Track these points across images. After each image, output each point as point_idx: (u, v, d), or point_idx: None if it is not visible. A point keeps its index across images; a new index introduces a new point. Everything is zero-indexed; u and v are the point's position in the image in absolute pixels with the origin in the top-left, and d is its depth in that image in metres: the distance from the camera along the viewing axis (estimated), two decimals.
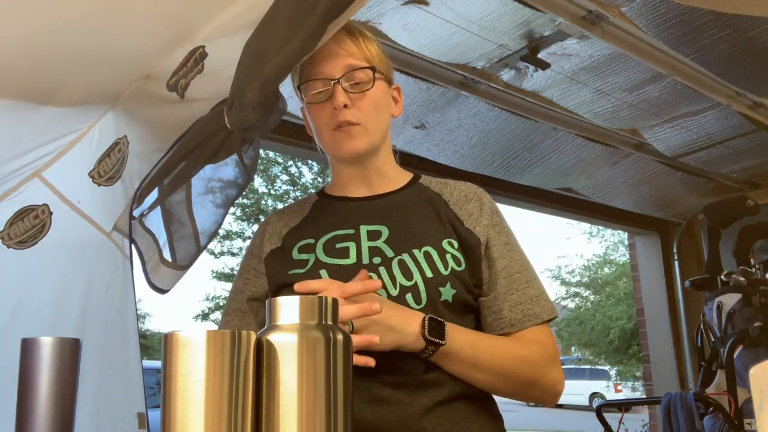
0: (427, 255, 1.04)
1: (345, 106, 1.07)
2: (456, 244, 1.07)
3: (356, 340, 0.90)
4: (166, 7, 1.19)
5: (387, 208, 1.12)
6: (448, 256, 1.05)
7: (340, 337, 0.62)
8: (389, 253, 1.05)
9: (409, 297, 1.01)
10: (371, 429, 0.95)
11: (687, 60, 2.20)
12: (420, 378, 0.99)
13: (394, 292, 1.01)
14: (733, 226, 3.16)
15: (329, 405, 0.60)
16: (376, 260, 1.04)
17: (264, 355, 0.60)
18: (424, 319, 0.95)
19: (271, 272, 1.12)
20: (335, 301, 0.67)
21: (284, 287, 1.08)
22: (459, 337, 0.98)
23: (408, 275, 1.02)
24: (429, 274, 1.02)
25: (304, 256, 1.09)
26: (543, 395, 1.06)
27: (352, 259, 1.05)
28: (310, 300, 0.63)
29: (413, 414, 0.97)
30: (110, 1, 1.12)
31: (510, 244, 1.10)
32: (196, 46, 1.27)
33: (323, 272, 1.04)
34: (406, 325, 0.94)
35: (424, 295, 1.01)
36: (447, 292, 1.02)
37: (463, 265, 1.05)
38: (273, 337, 0.61)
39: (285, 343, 0.60)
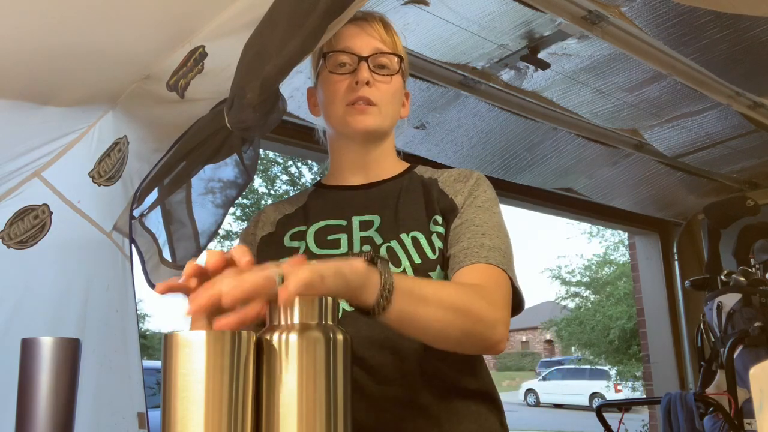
0: (414, 240, 1.03)
1: (367, 83, 1.07)
2: (440, 219, 1.06)
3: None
4: (166, 7, 1.19)
5: (380, 196, 1.12)
6: (434, 237, 1.04)
7: (340, 337, 0.62)
8: (378, 240, 1.04)
9: None
10: (365, 428, 0.94)
11: (687, 60, 2.20)
12: (417, 375, 0.98)
13: None
14: (733, 226, 3.16)
15: (329, 404, 0.60)
16: (366, 248, 1.04)
17: (264, 355, 0.60)
18: (360, 256, 0.80)
19: (261, 259, 1.09)
20: (335, 302, 0.67)
21: None
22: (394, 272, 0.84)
23: (396, 262, 1.01)
24: (417, 260, 1.01)
25: (295, 244, 1.08)
26: (491, 334, 0.91)
27: (343, 249, 1.05)
28: (310, 300, 0.63)
29: (409, 414, 0.96)
30: (110, 1, 1.12)
31: (482, 207, 1.05)
32: (196, 46, 1.27)
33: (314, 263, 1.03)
34: (349, 264, 0.76)
35: None
36: (437, 277, 1.01)
37: (444, 238, 1.05)
38: (273, 337, 0.61)
39: (285, 343, 0.60)
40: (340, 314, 0.98)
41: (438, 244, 1.03)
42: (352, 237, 1.06)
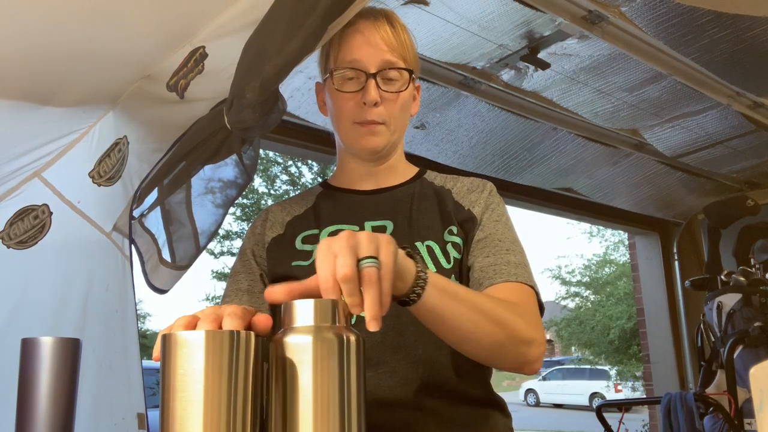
0: (429, 249, 1.03)
1: (375, 104, 1.05)
2: (456, 229, 1.05)
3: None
4: (166, 7, 1.19)
5: (392, 202, 1.11)
6: (449, 246, 1.03)
7: (353, 338, 0.62)
8: None
9: None
10: (379, 430, 0.94)
11: (687, 60, 2.20)
12: (428, 380, 0.98)
13: None
14: (733, 226, 3.17)
15: (343, 406, 0.60)
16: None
17: (278, 357, 0.60)
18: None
19: (273, 261, 1.09)
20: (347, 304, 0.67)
21: (286, 279, 1.05)
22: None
23: None
24: (432, 269, 0.99)
25: (307, 247, 1.06)
26: (527, 351, 0.89)
27: None
28: (324, 302, 0.63)
29: (421, 417, 0.96)
30: (110, 1, 1.12)
31: (500, 222, 1.07)
32: (196, 47, 1.27)
33: None
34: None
35: None
36: None
37: (462, 249, 1.04)
38: (288, 339, 0.61)
39: (300, 345, 0.60)
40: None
41: (453, 253, 1.03)
42: None
